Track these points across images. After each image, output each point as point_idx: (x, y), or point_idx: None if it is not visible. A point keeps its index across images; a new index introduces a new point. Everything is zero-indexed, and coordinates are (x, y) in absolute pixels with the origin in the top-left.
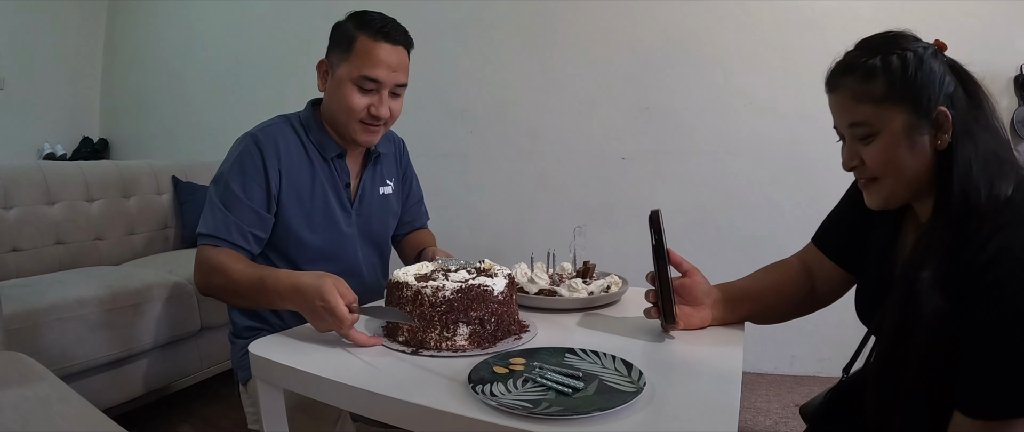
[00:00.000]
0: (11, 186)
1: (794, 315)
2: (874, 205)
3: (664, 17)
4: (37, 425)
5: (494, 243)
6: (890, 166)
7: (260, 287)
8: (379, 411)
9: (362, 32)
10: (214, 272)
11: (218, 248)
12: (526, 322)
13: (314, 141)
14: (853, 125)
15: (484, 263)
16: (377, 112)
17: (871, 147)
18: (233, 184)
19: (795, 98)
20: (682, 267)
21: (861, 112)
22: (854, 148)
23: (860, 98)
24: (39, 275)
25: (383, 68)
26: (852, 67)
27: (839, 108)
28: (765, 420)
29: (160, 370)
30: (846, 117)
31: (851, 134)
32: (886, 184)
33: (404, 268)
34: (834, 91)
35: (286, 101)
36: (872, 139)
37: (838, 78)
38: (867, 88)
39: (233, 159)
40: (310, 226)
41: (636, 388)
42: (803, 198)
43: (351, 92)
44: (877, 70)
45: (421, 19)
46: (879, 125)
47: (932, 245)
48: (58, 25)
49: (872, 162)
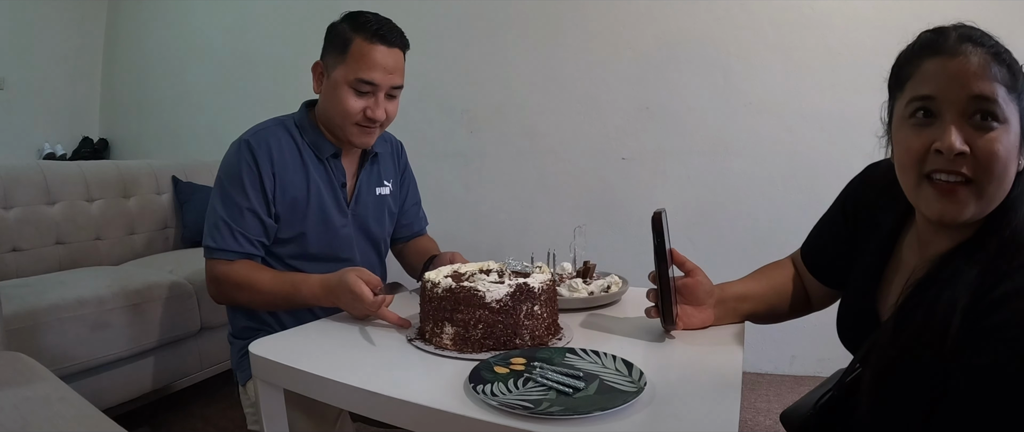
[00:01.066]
0: (11, 186)
1: (794, 315)
2: (959, 217)
3: (664, 17)
4: (37, 425)
5: (494, 243)
6: (999, 164)
7: (294, 294)
8: (379, 411)
9: (358, 34)
10: (239, 288)
11: (233, 262)
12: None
13: (309, 142)
14: (981, 98)
15: (531, 267)
16: (373, 115)
17: (990, 136)
18: (234, 194)
19: (795, 98)
20: (685, 267)
21: (995, 89)
22: (966, 130)
23: (993, 75)
24: (39, 275)
25: (379, 71)
26: (979, 40)
27: (963, 75)
28: (765, 420)
29: (160, 370)
30: (975, 86)
31: (966, 110)
32: (986, 190)
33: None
34: (955, 55)
35: (286, 101)
36: (995, 128)
37: (961, 43)
38: (998, 69)
39: (228, 167)
40: (305, 227)
41: (637, 388)
42: (803, 198)
43: (347, 94)
44: (1004, 56)
45: (421, 19)
46: (1005, 113)
47: (969, 273)
48: (58, 25)
49: (987, 155)
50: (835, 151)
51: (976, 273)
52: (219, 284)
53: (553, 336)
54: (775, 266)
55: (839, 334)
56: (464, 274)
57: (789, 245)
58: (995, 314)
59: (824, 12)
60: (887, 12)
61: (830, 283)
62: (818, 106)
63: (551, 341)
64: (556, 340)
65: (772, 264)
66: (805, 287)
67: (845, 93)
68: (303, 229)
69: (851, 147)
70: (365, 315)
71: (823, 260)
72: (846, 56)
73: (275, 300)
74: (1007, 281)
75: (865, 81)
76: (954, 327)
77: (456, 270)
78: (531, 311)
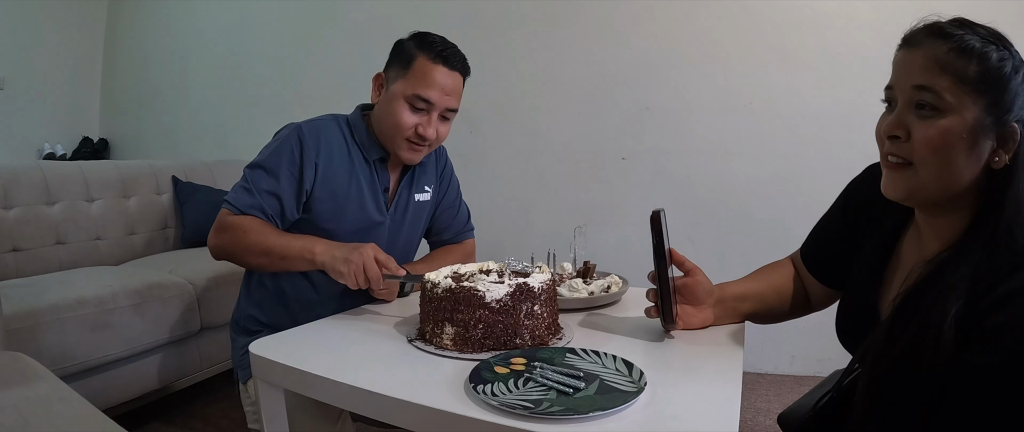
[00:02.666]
0: (11, 186)
1: (793, 315)
2: (893, 194)
3: (664, 17)
4: (37, 425)
5: (494, 243)
6: (939, 155)
7: (295, 240)
8: (379, 411)
9: (422, 52)
10: (242, 230)
11: (243, 215)
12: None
13: (359, 142)
14: (921, 89)
15: (531, 267)
16: (424, 132)
17: (927, 124)
18: (268, 171)
19: (795, 98)
20: (684, 266)
21: (940, 80)
22: (906, 117)
23: (945, 67)
24: (39, 275)
25: (437, 90)
26: (947, 34)
27: (912, 66)
28: (765, 420)
29: (160, 370)
30: (918, 77)
31: (911, 99)
32: (920, 174)
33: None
34: (914, 48)
35: (286, 101)
36: (934, 116)
37: (925, 37)
38: (957, 61)
39: (274, 148)
40: (341, 223)
41: (637, 388)
42: (803, 198)
43: (402, 109)
44: (974, 51)
45: (421, 19)
46: (952, 104)
47: (959, 279)
48: (58, 25)
49: (921, 141)
50: (835, 151)
51: (966, 277)
52: (223, 231)
53: (553, 336)
54: (775, 266)
55: (838, 334)
56: (464, 274)
57: (789, 245)
58: (996, 314)
59: (824, 12)
60: (887, 12)
61: (830, 283)
62: (818, 106)
63: (551, 341)
64: (556, 340)
65: (772, 264)
66: (805, 287)
67: (845, 93)
68: (338, 225)
69: (851, 147)
70: (356, 287)
71: (824, 260)
72: (846, 56)
73: (274, 242)
74: (1007, 281)
75: (865, 81)
76: (947, 338)
77: (456, 270)
78: (531, 311)
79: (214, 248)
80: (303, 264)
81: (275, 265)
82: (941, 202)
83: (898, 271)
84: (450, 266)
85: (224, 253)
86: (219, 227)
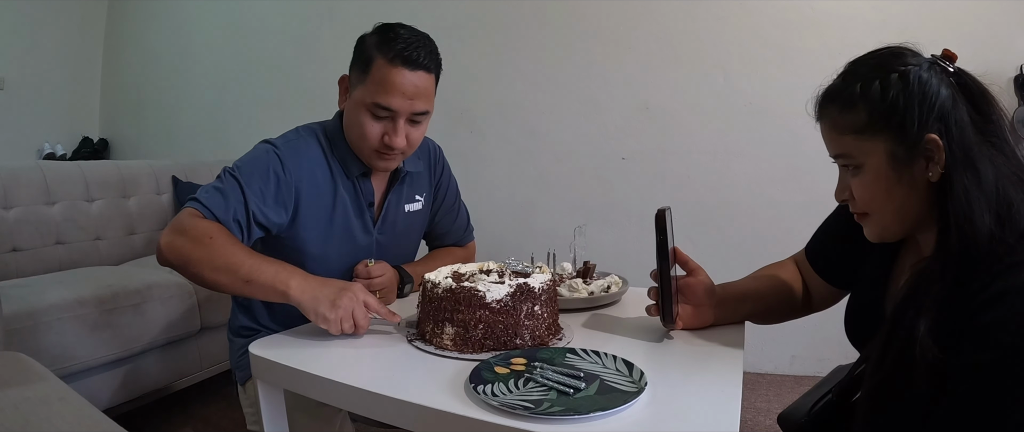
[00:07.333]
0: (11, 186)
1: (794, 315)
2: (872, 238)
3: (664, 17)
4: (37, 425)
5: (494, 243)
6: (876, 202)
7: (262, 265)
8: (379, 411)
9: (380, 53)
10: (208, 237)
11: (213, 222)
12: (554, 336)
13: (338, 158)
14: (837, 157)
15: (531, 267)
16: (391, 142)
17: (858, 181)
18: (245, 182)
19: (796, 98)
20: (687, 266)
21: (843, 144)
22: (845, 180)
23: (842, 129)
24: (39, 275)
25: (397, 97)
26: (834, 95)
27: (825, 139)
28: (765, 420)
29: (160, 370)
30: (831, 148)
31: (840, 165)
32: (876, 220)
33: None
34: (820, 120)
35: (286, 101)
36: (858, 172)
37: (823, 106)
38: (848, 118)
39: (249, 163)
40: (326, 246)
41: (637, 388)
42: (803, 198)
43: (365, 118)
44: (856, 98)
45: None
46: (861, 158)
47: (929, 291)
48: (58, 25)
49: (860, 197)
50: None
51: (935, 294)
52: (182, 232)
53: (553, 336)
54: (776, 266)
55: (847, 331)
56: (464, 274)
57: (789, 245)
58: (988, 312)
59: (824, 12)
60: (887, 12)
61: (837, 283)
62: None
63: (551, 341)
64: (556, 340)
65: (773, 264)
66: (807, 287)
67: None
68: (324, 247)
69: None
70: (339, 333)
71: (830, 260)
72: (846, 56)
73: (242, 261)
74: (999, 280)
75: None
76: (926, 350)
77: (456, 270)
78: (531, 311)
79: (166, 248)
80: (273, 295)
81: (236, 287)
82: (914, 227)
83: (904, 271)
84: (450, 266)
85: (176, 257)
86: (179, 227)
